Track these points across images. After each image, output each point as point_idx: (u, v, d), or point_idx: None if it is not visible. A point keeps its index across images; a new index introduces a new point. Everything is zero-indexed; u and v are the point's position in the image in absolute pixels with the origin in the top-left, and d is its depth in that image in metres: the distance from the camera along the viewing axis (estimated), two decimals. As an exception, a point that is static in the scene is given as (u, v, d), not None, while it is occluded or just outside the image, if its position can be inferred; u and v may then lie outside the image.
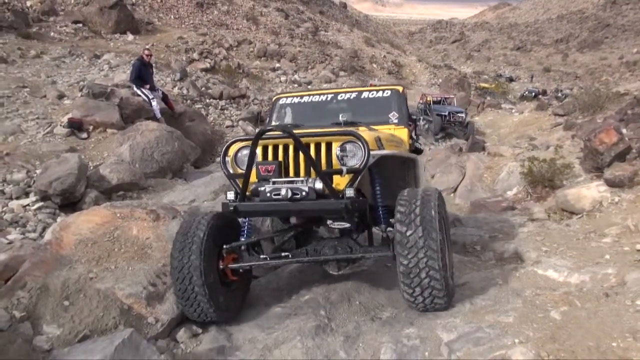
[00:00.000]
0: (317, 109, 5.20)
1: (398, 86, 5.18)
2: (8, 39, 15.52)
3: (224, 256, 3.91)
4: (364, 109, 5.00)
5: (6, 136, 8.30)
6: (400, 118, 4.80)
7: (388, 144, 3.94)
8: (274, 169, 3.39)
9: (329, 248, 3.83)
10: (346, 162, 3.41)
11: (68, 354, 3.07)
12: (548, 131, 17.17)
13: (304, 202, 3.31)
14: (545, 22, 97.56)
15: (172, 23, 25.81)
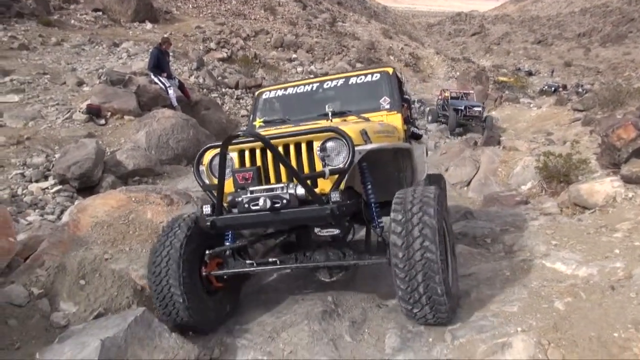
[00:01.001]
0: (303, 100, 4.82)
1: (388, 68, 4.76)
2: (29, 26, 15.79)
3: (207, 262, 3.65)
4: (352, 96, 4.66)
5: (27, 121, 8.50)
6: (393, 103, 4.42)
7: (376, 135, 3.57)
8: (252, 176, 3.11)
9: (320, 254, 3.51)
10: (330, 161, 3.09)
11: (83, 329, 3.18)
12: (566, 126, 16.94)
13: (286, 212, 3.00)
14: (568, 15, 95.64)
15: (190, 12, 25.94)
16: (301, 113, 4.62)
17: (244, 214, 3.10)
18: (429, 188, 3.24)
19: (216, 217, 3.19)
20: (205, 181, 3.47)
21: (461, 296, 3.66)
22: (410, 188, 3.32)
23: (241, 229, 3.72)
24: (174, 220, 3.69)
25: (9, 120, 8.41)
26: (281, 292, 4.36)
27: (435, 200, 3.06)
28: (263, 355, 3.30)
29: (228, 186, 3.24)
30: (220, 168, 3.04)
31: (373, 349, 3.33)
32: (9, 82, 10.63)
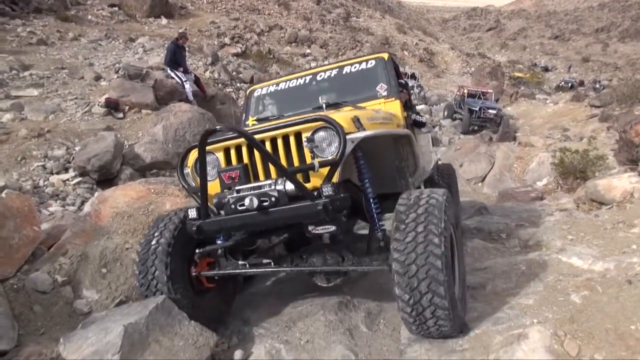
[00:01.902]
0: (297, 94, 4.59)
1: (383, 54, 4.53)
2: (47, 21, 16.01)
3: (196, 262, 3.49)
4: (348, 85, 4.44)
5: (47, 114, 8.66)
6: (390, 89, 4.20)
7: (371, 123, 3.30)
8: (239, 175, 2.90)
9: (318, 257, 3.28)
10: (321, 153, 2.85)
11: (106, 316, 3.27)
12: (583, 123, 16.76)
13: (276, 210, 2.77)
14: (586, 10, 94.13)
15: (205, 7, 26.06)
16: (295, 108, 4.37)
17: (231, 215, 2.89)
18: (437, 196, 2.87)
19: (202, 221, 2.99)
20: (192, 184, 3.26)
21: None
22: (416, 193, 2.97)
23: (230, 232, 3.36)
24: (160, 219, 3.53)
25: (30, 113, 8.58)
26: (296, 283, 4.41)
27: (443, 207, 2.78)
28: (280, 344, 3.35)
29: (215, 188, 3.08)
30: (201, 167, 2.81)
31: (389, 339, 3.38)
32: (28, 77, 10.82)
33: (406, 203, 2.87)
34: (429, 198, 2.84)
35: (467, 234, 5.89)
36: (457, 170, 11.72)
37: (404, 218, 2.76)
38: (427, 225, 2.66)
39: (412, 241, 2.64)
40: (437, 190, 2.99)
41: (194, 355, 3.06)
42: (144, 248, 3.36)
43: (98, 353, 2.80)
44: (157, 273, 3.27)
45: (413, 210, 2.78)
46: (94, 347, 2.84)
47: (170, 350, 3.00)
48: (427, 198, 2.84)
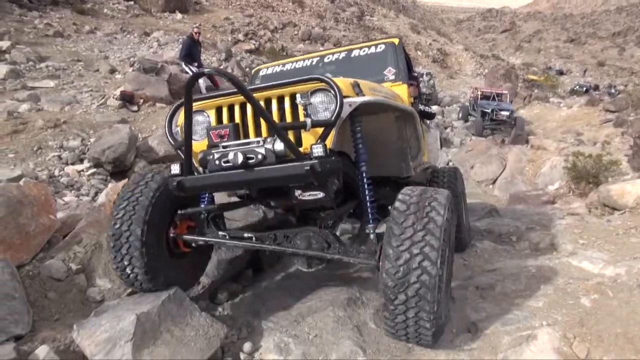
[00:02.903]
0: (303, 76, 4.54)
1: (394, 39, 4.37)
2: (64, 14, 16.19)
3: (176, 223, 3.36)
4: (355, 69, 4.20)
5: (63, 106, 8.78)
6: (398, 73, 4.05)
7: (372, 92, 3.06)
8: (229, 134, 2.71)
9: (303, 239, 3.11)
10: (315, 115, 2.68)
11: (118, 305, 3.32)
12: (597, 127, 16.60)
13: (261, 169, 2.59)
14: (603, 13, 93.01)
15: (220, 3, 26.16)
16: None
17: (215, 172, 2.72)
18: (440, 199, 2.66)
19: (184, 177, 2.83)
20: (179, 140, 3.04)
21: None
22: (419, 191, 2.76)
23: (213, 191, 3.24)
24: (145, 173, 3.36)
25: (46, 104, 8.70)
26: (306, 278, 4.44)
27: (445, 208, 2.60)
28: (289, 338, 3.38)
29: (203, 147, 2.88)
30: (186, 115, 2.64)
31: (397, 336, 3.39)
32: (44, 68, 10.98)
33: (407, 201, 2.65)
34: (431, 200, 2.63)
35: (477, 236, 5.89)
36: (468, 172, 11.73)
37: (401, 220, 2.56)
38: (425, 236, 2.46)
39: (406, 250, 2.45)
40: (441, 191, 2.78)
41: (204, 345, 3.10)
42: (123, 201, 3.19)
43: (111, 340, 2.86)
44: (133, 229, 3.11)
45: (413, 212, 2.57)
46: (107, 333, 2.89)
47: (181, 340, 3.05)
48: (430, 199, 2.63)
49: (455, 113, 22.07)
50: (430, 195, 2.70)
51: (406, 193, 2.75)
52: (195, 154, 2.91)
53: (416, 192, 2.75)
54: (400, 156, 3.56)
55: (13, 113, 7.91)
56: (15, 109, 8.16)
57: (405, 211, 2.60)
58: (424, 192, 2.75)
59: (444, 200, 2.65)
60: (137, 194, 3.18)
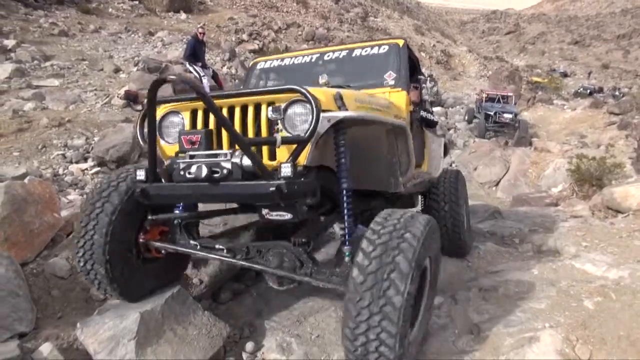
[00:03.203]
0: (301, 73, 4.25)
1: (398, 39, 4.11)
2: (69, 13, 16.27)
3: (147, 228, 3.19)
4: (356, 69, 4.09)
5: (67, 105, 8.82)
6: (398, 79, 3.80)
7: (358, 104, 2.86)
8: (200, 140, 2.55)
9: (275, 255, 2.91)
10: (292, 129, 2.49)
11: (122, 303, 3.32)
12: (601, 130, 16.58)
13: (226, 185, 2.44)
14: (608, 16, 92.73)
15: (224, 3, 26.21)
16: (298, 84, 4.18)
17: (180, 183, 2.56)
18: (416, 228, 2.42)
19: (149, 184, 2.68)
20: None
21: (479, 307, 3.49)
22: (395, 218, 2.50)
23: (178, 202, 3.06)
24: (118, 174, 3.18)
25: (51, 103, 8.74)
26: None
27: (421, 236, 2.38)
28: (291, 337, 3.39)
29: (175, 151, 2.73)
30: (149, 122, 2.51)
31: (399, 337, 3.39)
32: (49, 67, 11.03)
33: (378, 230, 2.40)
34: (405, 230, 2.38)
35: (480, 238, 5.88)
36: (471, 174, 11.72)
37: (370, 250, 2.32)
38: (392, 266, 2.24)
39: (372, 274, 2.24)
40: (420, 218, 2.53)
41: (207, 344, 3.11)
42: (86, 211, 3.01)
43: (114, 338, 2.87)
44: (96, 237, 2.94)
45: (384, 240, 2.34)
46: (110, 332, 2.91)
47: (184, 339, 3.06)
48: (403, 230, 2.38)
49: (458, 115, 22.05)
50: (406, 223, 2.43)
51: (380, 220, 2.49)
52: (167, 157, 2.81)
53: (392, 219, 2.48)
54: (389, 171, 3.34)
55: (18, 111, 7.95)
56: (20, 107, 8.20)
57: (375, 240, 2.35)
58: (400, 217, 2.49)
59: (420, 229, 2.41)
60: (103, 199, 3.00)
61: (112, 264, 2.98)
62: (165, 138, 2.85)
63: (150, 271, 3.30)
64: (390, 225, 2.42)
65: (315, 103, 2.36)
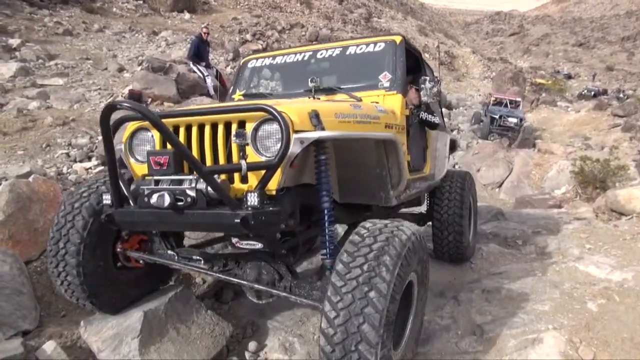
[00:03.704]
0: (293, 72, 4.03)
1: (395, 36, 3.79)
2: (74, 12, 16.31)
3: (124, 237, 3.07)
4: (350, 68, 3.85)
5: (72, 104, 8.83)
6: (393, 80, 3.50)
7: (339, 121, 2.61)
8: (168, 162, 2.36)
9: (253, 267, 2.79)
10: (265, 151, 2.31)
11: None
12: (605, 132, 16.52)
13: (191, 213, 2.29)
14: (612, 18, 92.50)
15: (228, 3, 26.24)
16: (288, 87, 3.92)
17: (144, 209, 2.42)
18: (398, 240, 2.27)
19: (114, 209, 2.51)
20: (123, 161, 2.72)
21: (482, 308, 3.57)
22: (377, 229, 2.35)
23: (144, 229, 2.87)
24: (90, 184, 3.06)
25: (55, 102, 8.76)
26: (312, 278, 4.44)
27: (399, 254, 2.21)
28: (294, 337, 3.40)
29: (144, 172, 2.57)
30: (105, 148, 2.36)
31: (402, 338, 3.39)
32: (53, 66, 11.06)
33: (358, 242, 2.26)
34: (386, 243, 2.23)
35: (483, 239, 5.87)
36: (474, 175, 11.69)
37: (349, 260, 2.18)
38: (372, 278, 2.09)
39: (350, 292, 2.08)
40: (405, 229, 2.37)
41: (210, 344, 3.12)
42: (58, 223, 2.92)
43: (118, 336, 2.89)
44: (70, 240, 2.86)
45: (364, 253, 2.19)
46: (114, 330, 2.92)
47: (187, 338, 3.07)
48: (384, 243, 2.22)
49: (462, 116, 22.03)
50: (388, 236, 2.27)
51: (362, 231, 2.34)
52: (138, 177, 2.66)
53: (375, 230, 2.32)
54: (379, 184, 3.13)
55: (22, 110, 7.97)
56: (24, 106, 8.22)
57: (354, 253, 2.22)
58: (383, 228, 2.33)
59: (403, 241, 2.26)
60: (76, 209, 2.89)
61: (88, 281, 2.90)
62: (136, 156, 2.68)
63: (131, 280, 3.21)
64: (372, 234, 2.29)
65: (285, 124, 2.17)
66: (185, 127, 2.48)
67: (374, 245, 2.23)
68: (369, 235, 2.29)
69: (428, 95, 3.60)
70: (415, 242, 2.38)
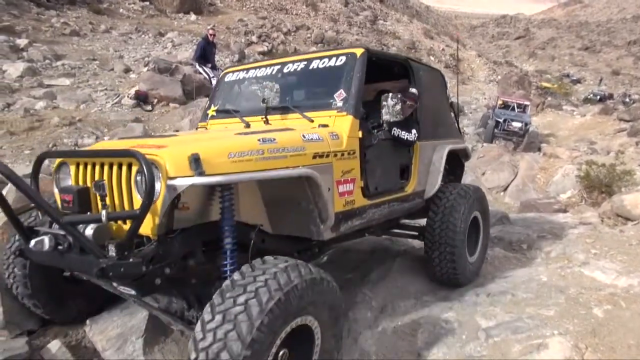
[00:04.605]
0: (263, 85, 3.99)
1: (357, 48, 3.42)
2: (81, 13, 16.43)
3: None
4: (312, 84, 3.68)
5: (78, 104, 8.90)
6: (347, 100, 3.16)
7: (235, 160, 2.37)
8: (72, 201, 2.31)
9: (166, 295, 2.70)
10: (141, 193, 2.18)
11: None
12: (610, 136, 16.49)
13: (69, 256, 2.24)
14: (619, 22, 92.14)
15: (234, 5, 26.32)
16: (254, 102, 3.76)
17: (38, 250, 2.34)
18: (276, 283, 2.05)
19: (25, 246, 2.44)
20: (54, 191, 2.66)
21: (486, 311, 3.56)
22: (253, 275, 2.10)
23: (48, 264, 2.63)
24: None
25: (62, 102, 8.82)
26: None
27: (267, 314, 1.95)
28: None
29: None
30: None
31: (406, 342, 3.38)
32: (60, 67, 11.15)
33: (230, 288, 2.03)
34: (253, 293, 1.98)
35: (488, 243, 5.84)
36: (479, 178, 11.68)
37: (218, 301, 1.99)
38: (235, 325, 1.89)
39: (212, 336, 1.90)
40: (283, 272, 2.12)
41: (214, 344, 3.12)
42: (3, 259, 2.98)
43: (122, 336, 2.90)
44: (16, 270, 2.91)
45: (232, 298, 1.98)
46: (118, 329, 2.93)
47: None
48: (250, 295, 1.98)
49: (467, 119, 22.01)
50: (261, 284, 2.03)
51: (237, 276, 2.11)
52: None
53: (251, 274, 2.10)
54: (307, 218, 2.90)
55: (29, 110, 8.03)
56: (31, 106, 8.28)
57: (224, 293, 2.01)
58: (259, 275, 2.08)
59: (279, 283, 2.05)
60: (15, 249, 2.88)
61: (36, 293, 2.94)
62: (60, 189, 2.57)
63: (82, 292, 3.15)
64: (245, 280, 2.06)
65: (149, 173, 2.01)
66: (100, 164, 2.38)
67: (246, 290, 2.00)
68: (243, 281, 2.06)
69: (390, 113, 3.28)
70: (302, 280, 2.14)
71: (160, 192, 2.09)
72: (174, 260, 2.32)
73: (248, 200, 2.80)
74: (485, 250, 4.70)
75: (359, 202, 3.21)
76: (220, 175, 2.26)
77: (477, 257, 4.43)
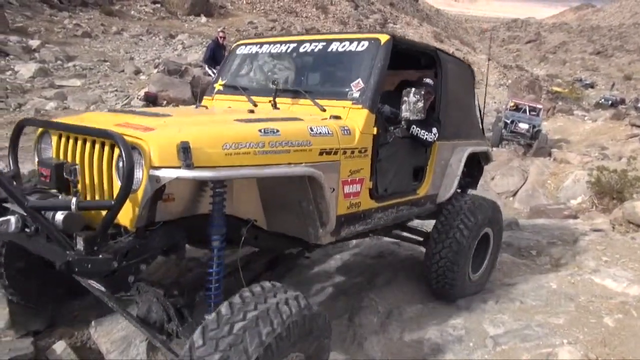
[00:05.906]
0: (277, 63, 3.63)
1: (382, 35, 3.10)
2: (93, 15, 16.60)
3: None
4: (329, 68, 3.38)
5: (88, 105, 8.96)
6: (364, 91, 2.88)
7: (224, 152, 2.09)
8: (50, 175, 2.13)
9: (145, 302, 2.49)
10: None
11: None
12: (622, 142, 16.30)
13: (36, 241, 2.04)
14: (632, 26, 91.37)
15: (244, 8, 26.48)
16: (265, 81, 3.56)
17: None
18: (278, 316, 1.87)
19: None
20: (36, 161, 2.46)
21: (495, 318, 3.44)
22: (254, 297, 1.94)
23: None
24: None
25: (73, 103, 8.89)
26: (323, 282, 4.41)
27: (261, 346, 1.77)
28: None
29: None
30: None
31: (412, 348, 3.34)
32: (72, 67, 11.25)
33: (228, 313, 1.85)
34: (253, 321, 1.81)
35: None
36: (488, 183, 11.60)
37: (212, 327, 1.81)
38: None
39: None
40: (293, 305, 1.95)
41: (219, 348, 3.10)
42: None
43: (127, 338, 2.89)
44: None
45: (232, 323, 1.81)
46: (123, 332, 2.93)
47: (196, 342, 3.05)
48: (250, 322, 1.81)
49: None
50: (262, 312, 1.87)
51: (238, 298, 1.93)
52: None
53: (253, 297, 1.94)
54: (306, 220, 2.69)
55: (40, 110, 8.10)
56: (42, 106, 8.35)
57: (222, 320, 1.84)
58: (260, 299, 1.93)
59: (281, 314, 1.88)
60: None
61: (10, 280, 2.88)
62: (40, 160, 2.41)
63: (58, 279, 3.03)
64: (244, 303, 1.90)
65: (128, 160, 1.80)
66: (83, 139, 2.17)
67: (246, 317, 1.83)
68: (243, 304, 1.89)
69: (411, 110, 2.96)
70: (302, 311, 1.96)
71: (141, 182, 1.87)
72: (152, 256, 2.13)
73: (243, 193, 2.56)
74: (492, 267, 4.34)
75: (365, 204, 2.97)
76: (211, 169, 2.01)
77: (482, 273, 4.08)
